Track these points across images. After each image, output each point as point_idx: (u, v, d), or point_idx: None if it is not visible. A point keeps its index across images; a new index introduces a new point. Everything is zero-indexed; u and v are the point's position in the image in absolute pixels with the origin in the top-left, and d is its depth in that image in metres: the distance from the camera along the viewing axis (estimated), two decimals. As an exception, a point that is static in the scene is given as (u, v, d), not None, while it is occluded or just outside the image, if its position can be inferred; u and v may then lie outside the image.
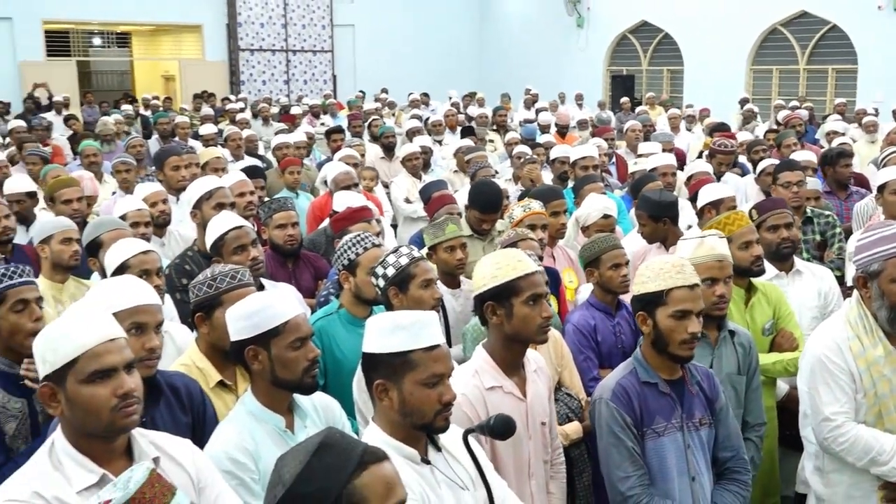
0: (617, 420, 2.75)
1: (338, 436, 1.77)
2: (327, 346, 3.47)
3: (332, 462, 1.69)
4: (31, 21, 18.88)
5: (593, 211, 4.76)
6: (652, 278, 2.80)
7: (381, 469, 1.73)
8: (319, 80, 22.33)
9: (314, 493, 1.67)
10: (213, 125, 10.32)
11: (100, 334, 2.06)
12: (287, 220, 4.52)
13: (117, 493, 1.62)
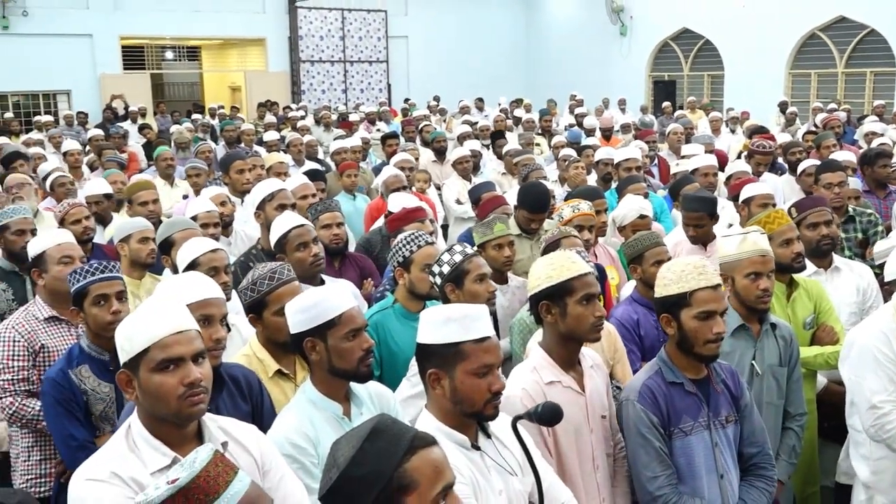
0: (644, 420, 2.70)
1: (389, 421, 1.77)
2: (383, 338, 3.48)
3: (383, 446, 1.69)
4: (110, 37, 19.28)
5: (629, 211, 4.70)
6: (674, 280, 2.73)
7: (431, 453, 1.72)
8: (375, 89, 22.45)
9: (367, 475, 1.67)
10: (276, 132, 10.43)
11: (169, 326, 2.09)
12: (332, 220, 4.51)
13: (183, 472, 1.64)
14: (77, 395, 3.11)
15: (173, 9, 19.49)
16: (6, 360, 3.50)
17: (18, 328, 3.56)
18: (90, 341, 3.19)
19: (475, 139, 9.56)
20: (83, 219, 4.90)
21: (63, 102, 19.07)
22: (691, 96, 17.10)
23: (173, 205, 6.79)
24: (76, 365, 3.15)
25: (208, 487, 1.63)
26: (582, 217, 4.35)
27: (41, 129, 12.91)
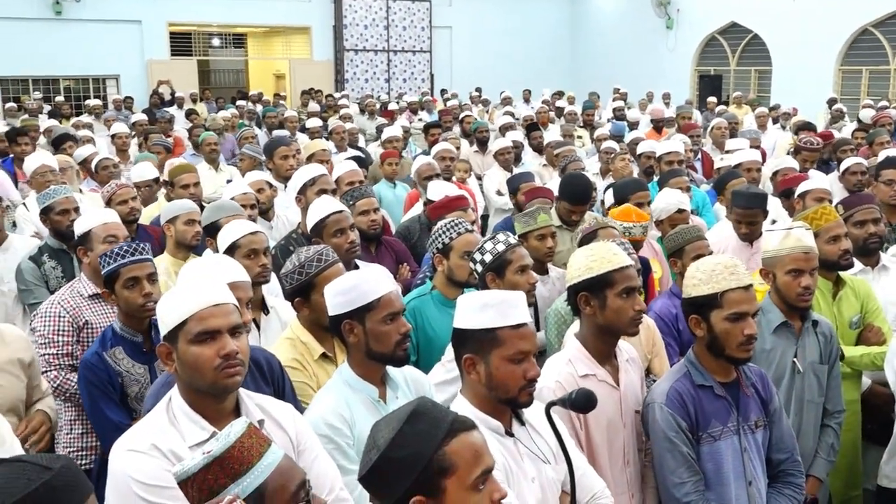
0: (671, 424, 2.63)
1: (429, 405, 1.78)
2: (420, 324, 3.48)
3: (423, 429, 1.70)
4: (158, 23, 19.52)
5: (668, 205, 4.63)
6: (704, 280, 2.65)
7: (470, 437, 1.72)
8: (418, 79, 22.45)
9: (406, 457, 1.67)
10: (320, 119, 10.50)
11: (207, 299, 2.12)
12: (369, 206, 4.51)
13: (218, 443, 1.66)
14: (112, 377, 3.13)
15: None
16: (51, 335, 3.56)
17: (63, 304, 3.62)
18: (123, 323, 3.21)
19: (517, 130, 9.53)
20: (130, 199, 4.98)
21: (112, 87, 19.37)
22: (737, 91, 16.83)
23: (217, 188, 6.88)
24: (110, 347, 3.17)
25: (242, 458, 1.64)
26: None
27: (90, 113, 13.12)
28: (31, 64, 18.01)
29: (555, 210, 4.74)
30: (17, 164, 7.34)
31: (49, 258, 4.39)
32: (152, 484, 1.98)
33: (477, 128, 9.38)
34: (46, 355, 3.53)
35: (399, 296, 2.67)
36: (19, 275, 4.36)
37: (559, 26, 23.88)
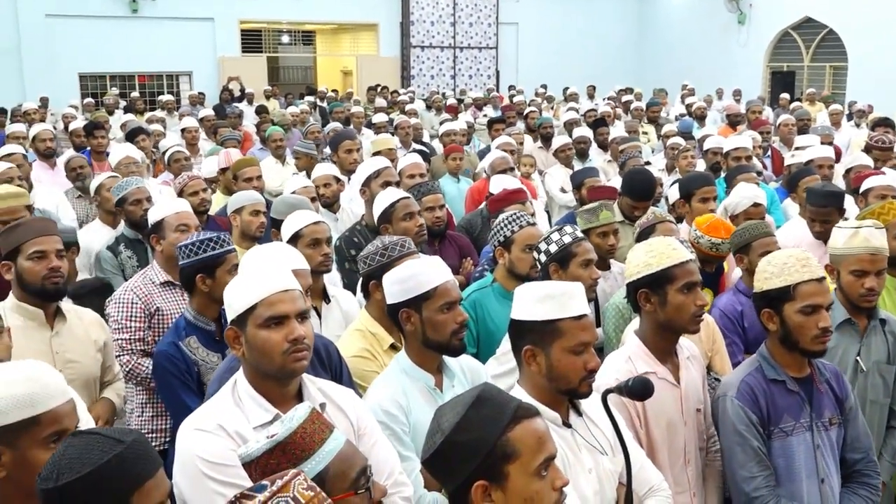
0: (742, 418, 2.59)
1: (494, 391, 1.79)
2: (480, 317, 3.50)
3: (488, 414, 1.71)
4: (230, 21, 19.93)
5: (743, 199, 4.54)
6: (776, 273, 2.61)
7: (534, 424, 1.73)
8: (483, 75, 22.45)
9: (470, 441, 1.69)
10: (385, 115, 10.61)
11: (275, 285, 2.18)
12: (435, 202, 4.55)
13: (282, 427, 1.71)
14: (189, 366, 3.16)
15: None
16: (124, 321, 3.67)
17: (136, 291, 3.73)
18: (196, 312, 3.25)
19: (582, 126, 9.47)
20: (200, 191, 5.12)
21: (185, 83, 19.86)
22: (811, 88, 16.39)
23: (283, 181, 7.01)
24: (185, 336, 3.21)
25: (304, 444, 1.69)
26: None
27: (162, 108, 13.49)
28: (108, 61, 18.57)
29: (618, 206, 4.71)
30: (95, 156, 7.61)
31: (125, 248, 4.54)
32: (218, 462, 2.05)
33: (541, 124, 9.35)
34: (119, 340, 3.63)
35: (456, 285, 2.69)
36: (98, 263, 4.53)
37: (627, 22, 23.60)
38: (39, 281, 3.14)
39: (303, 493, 1.46)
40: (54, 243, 3.24)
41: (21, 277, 3.15)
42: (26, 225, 3.31)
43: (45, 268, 3.14)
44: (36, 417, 1.84)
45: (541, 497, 1.69)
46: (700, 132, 8.81)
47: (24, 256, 3.14)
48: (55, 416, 1.86)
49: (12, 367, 1.91)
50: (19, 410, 1.83)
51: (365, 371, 2.95)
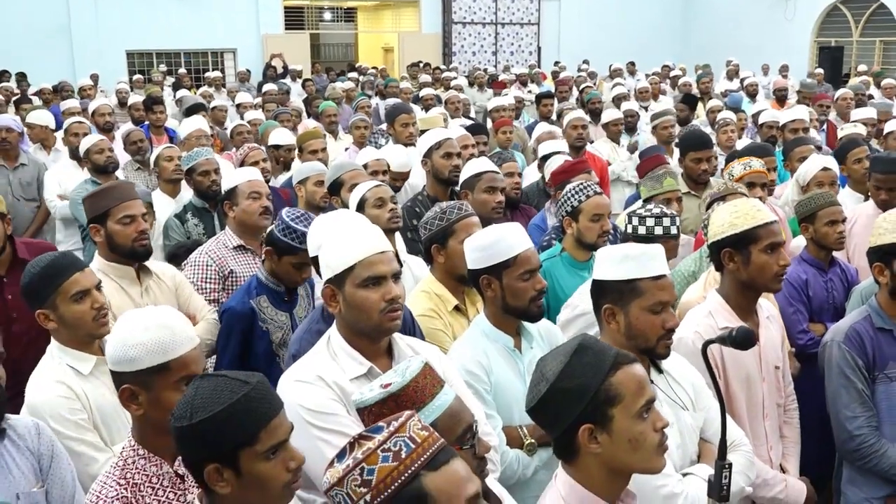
0: (848, 362, 2.75)
1: (593, 340, 1.86)
2: (550, 285, 3.51)
3: (589, 361, 1.78)
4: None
5: (812, 167, 4.55)
6: (890, 230, 2.77)
7: (634, 369, 1.79)
8: (525, 52, 22.32)
9: (575, 387, 1.76)
10: (431, 89, 10.65)
11: (373, 247, 2.26)
12: (513, 169, 4.69)
13: (397, 377, 1.79)
14: (256, 323, 3.31)
15: (334, -30, 20.08)
16: (200, 282, 3.81)
17: (210, 254, 3.87)
18: (269, 274, 3.37)
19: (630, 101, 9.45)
20: (261, 160, 5.27)
21: (229, 60, 20.03)
22: (862, 65, 16.07)
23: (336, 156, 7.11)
24: (255, 295, 3.35)
25: (416, 396, 1.77)
26: (754, 174, 4.26)
27: (210, 85, 13.65)
28: (155, 38, 18.78)
29: (681, 178, 4.74)
30: (153, 130, 7.78)
31: (192, 216, 4.68)
32: (319, 411, 2.15)
33: (590, 99, 9.33)
34: None
35: (535, 253, 2.74)
36: (165, 231, 4.67)
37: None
38: (130, 243, 3.30)
39: (418, 432, 1.54)
40: (140, 207, 3.40)
41: (111, 240, 3.30)
42: (113, 190, 3.46)
43: (135, 230, 3.30)
44: (167, 363, 1.97)
45: (644, 437, 1.76)
46: (752, 108, 8.73)
47: (114, 220, 3.30)
48: (184, 362, 1.99)
49: (146, 315, 2.03)
50: (151, 357, 1.96)
51: (431, 329, 3.05)
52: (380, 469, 1.48)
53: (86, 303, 2.62)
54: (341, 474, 1.49)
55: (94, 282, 2.70)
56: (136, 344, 1.96)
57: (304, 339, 2.64)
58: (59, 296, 2.61)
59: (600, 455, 1.76)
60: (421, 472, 1.48)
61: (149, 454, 2.00)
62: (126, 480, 1.96)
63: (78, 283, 2.63)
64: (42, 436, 2.28)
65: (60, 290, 2.61)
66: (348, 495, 1.48)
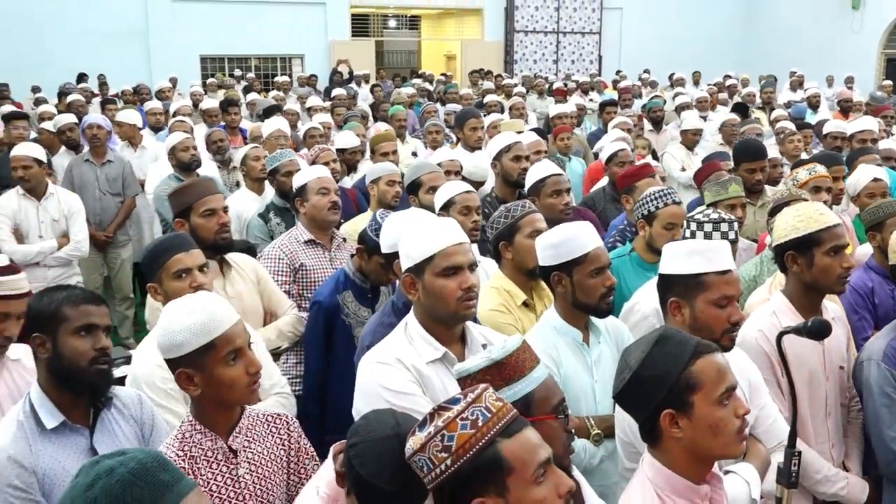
0: (889, 380, 2.67)
1: (674, 331, 1.94)
2: (617, 283, 3.58)
3: (671, 350, 1.86)
4: (341, 6, 20.34)
5: (863, 176, 4.52)
6: None
7: (714, 358, 1.86)
8: (586, 61, 22.28)
9: (657, 375, 1.84)
10: (494, 96, 10.74)
11: (452, 238, 2.36)
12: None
13: (496, 351, 1.90)
14: (340, 318, 3.42)
15: (400, -22, 20.34)
16: (273, 274, 3.92)
17: (283, 248, 4.00)
18: (355, 269, 3.49)
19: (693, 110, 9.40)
20: (331, 161, 5.39)
21: (297, 66, 20.38)
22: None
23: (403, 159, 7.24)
24: (342, 290, 3.47)
25: (516, 366, 1.87)
26: (818, 179, 4.25)
27: (279, 89, 13.93)
28: (226, 43, 19.24)
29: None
30: (228, 131, 8.02)
31: (275, 215, 4.84)
32: (399, 391, 2.26)
33: (651, 107, 9.32)
34: None
35: (605, 251, 2.81)
36: (250, 230, 4.84)
37: (734, 8, 22.99)
38: (212, 235, 3.44)
39: (493, 403, 1.63)
40: (220, 201, 3.55)
41: (195, 233, 3.42)
42: (195, 185, 3.63)
43: (216, 223, 3.45)
44: (212, 342, 2.07)
45: (724, 423, 1.82)
46: (815, 118, 8.62)
47: (197, 214, 3.45)
48: (227, 338, 2.09)
49: (185, 302, 2.15)
50: (197, 338, 2.07)
51: (501, 323, 3.11)
52: (459, 436, 1.58)
53: (185, 281, 2.81)
54: (423, 441, 1.60)
55: (198, 262, 2.87)
56: (181, 329, 2.07)
57: (376, 331, 2.74)
58: (164, 272, 2.82)
59: (682, 440, 1.83)
60: (497, 439, 1.58)
61: (205, 429, 2.12)
62: (184, 453, 2.09)
63: (180, 262, 2.83)
64: (144, 405, 2.44)
65: (165, 266, 2.82)
66: (430, 460, 1.58)
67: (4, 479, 2.11)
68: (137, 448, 1.57)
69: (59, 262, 5.40)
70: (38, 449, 2.20)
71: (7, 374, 2.69)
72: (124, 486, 1.42)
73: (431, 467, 1.58)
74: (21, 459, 2.16)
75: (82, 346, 2.22)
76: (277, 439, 2.26)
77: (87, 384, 2.24)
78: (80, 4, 17.49)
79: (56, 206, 5.44)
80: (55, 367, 2.23)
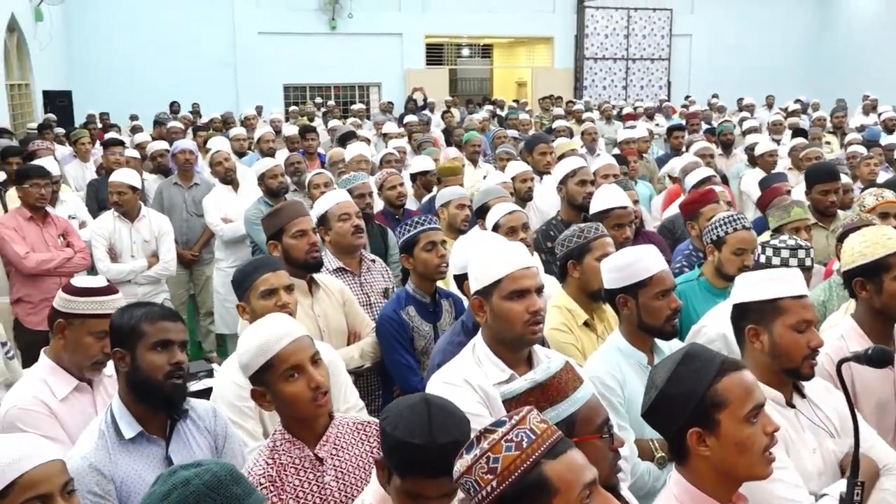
0: None
1: (700, 349, 1.89)
2: (684, 308, 3.47)
3: (696, 368, 1.82)
4: (417, 35, 20.66)
5: None
6: None
7: (740, 376, 1.81)
8: (655, 87, 22.03)
9: (682, 393, 1.80)
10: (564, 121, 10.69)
11: (519, 262, 2.35)
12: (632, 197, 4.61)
13: (539, 373, 1.88)
14: (407, 331, 3.45)
15: (473, 10, 20.46)
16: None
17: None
18: (416, 285, 3.52)
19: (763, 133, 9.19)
20: (398, 185, 5.46)
21: (374, 94, 20.75)
22: None
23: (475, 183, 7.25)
24: (405, 305, 3.49)
25: (559, 387, 1.85)
26: (886, 205, 4.08)
27: (355, 116, 14.16)
28: (308, 73, 19.76)
29: (809, 208, 4.59)
30: (307, 155, 8.18)
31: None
32: (466, 412, 2.18)
33: (722, 131, 9.13)
34: None
35: (670, 274, 2.76)
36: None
37: (806, 31, 22.43)
38: (303, 255, 3.48)
39: (538, 425, 1.61)
40: (309, 222, 3.61)
41: (287, 253, 3.49)
42: (286, 209, 3.68)
43: (307, 244, 3.49)
44: (270, 361, 2.13)
45: (752, 441, 1.77)
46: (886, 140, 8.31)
47: (289, 235, 3.50)
48: (284, 356, 2.14)
49: (256, 324, 2.22)
50: (256, 359, 2.15)
51: (562, 342, 3.09)
52: (504, 458, 1.56)
53: (271, 300, 2.87)
54: (469, 463, 1.58)
55: (284, 283, 2.93)
56: (245, 350, 2.16)
57: (446, 350, 2.74)
58: (252, 291, 2.89)
59: (709, 458, 1.79)
60: (541, 461, 1.55)
61: (293, 439, 2.18)
62: (274, 461, 2.14)
63: (267, 282, 2.89)
64: (218, 418, 2.48)
65: (253, 286, 2.89)
66: (476, 482, 1.57)
67: (84, 486, 2.17)
68: (212, 460, 1.59)
69: (149, 279, 5.56)
70: (116, 458, 2.25)
71: (102, 389, 2.77)
72: (199, 498, 1.45)
73: (478, 489, 1.56)
74: (101, 467, 2.22)
75: (158, 360, 2.27)
76: (367, 446, 2.28)
77: (162, 397, 2.29)
78: (176, 39, 18.20)
79: (147, 228, 5.61)
80: (133, 381, 2.29)
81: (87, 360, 2.69)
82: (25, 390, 2.65)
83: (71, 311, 2.68)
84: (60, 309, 2.70)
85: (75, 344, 2.68)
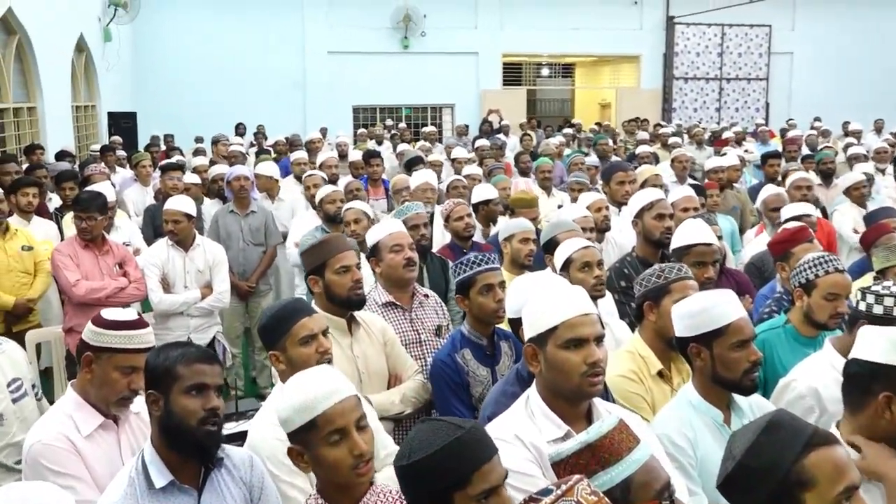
0: None
1: (787, 416, 1.78)
2: (769, 358, 3.37)
3: (781, 439, 1.71)
4: (493, 55, 20.75)
5: None
6: None
7: (832, 451, 1.69)
8: (751, 108, 21.59)
9: (763, 467, 1.69)
10: (648, 147, 10.54)
11: (577, 308, 2.29)
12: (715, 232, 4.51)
13: (591, 433, 1.82)
14: (462, 376, 3.37)
15: (554, 27, 20.40)
16: None
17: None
18: (471, 327, 3.44)
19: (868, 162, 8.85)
20: (465, 216, 5.43)
21: (447, 115, 20.92)
22: None
23: (548, 213, 7.18)
24: (460, 348, 3.42)
25: (612, 448, 1.78)
26: None
27: (426, 139, 14.27)
28: (379, 94, 20.03)
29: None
30: (371, 183, 8.28)
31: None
32: (517, 470, 2.16)
33: (822, 159, 8.84)
34: None
35: (749, 323, 2.66)
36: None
37: (920, 48, 21.68)
38: (346, 293, 3.45)
39: (586, 497, 1.55)
40: (353, 258, 3.56)
41: (329, 290, 3.47)
42: (329, 242, 3.66)
43: (350, 280, 3.45)
44: (313, 420, 2.07)
45: None
46: None
47: (332, 271, 3.47)
48: (329, 418, 2.07)
49: (301, 376, 2.16)
50: (300, 415, 2.08)
51: (629, 392, 2.99)
52: None
53: (312, 346, 2.81)
54: None
55: (322, 327, 2.88)
56: (286, 406, 2.09)
57: (499, 401, 2.68)
58: (289, 338, 2.81)
59: None
60: None
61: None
62: None
63: (306, 328, 2.82)
64: (255, 468, 2.47)
65: (290, 333, 2.81)
66: None
67: None
68: None
69: (202, 311, 5.65)
70: None
71: (128, 427, 2.81)
72: None
73: None
74: None
75: (192, 405, 2.28)
76: None
77: (195, 444, 2.29)
78: (244, 59, 18.72)
79: (202, 257, 5.72)
80: (166, 425, 2.30)
81: (113, 395, 2.73)
82: (50, 426, 2.70)
83: (99, 345, 2.72)
84: (88, 342, 2.75)
85: (102, 379, 2.73)
